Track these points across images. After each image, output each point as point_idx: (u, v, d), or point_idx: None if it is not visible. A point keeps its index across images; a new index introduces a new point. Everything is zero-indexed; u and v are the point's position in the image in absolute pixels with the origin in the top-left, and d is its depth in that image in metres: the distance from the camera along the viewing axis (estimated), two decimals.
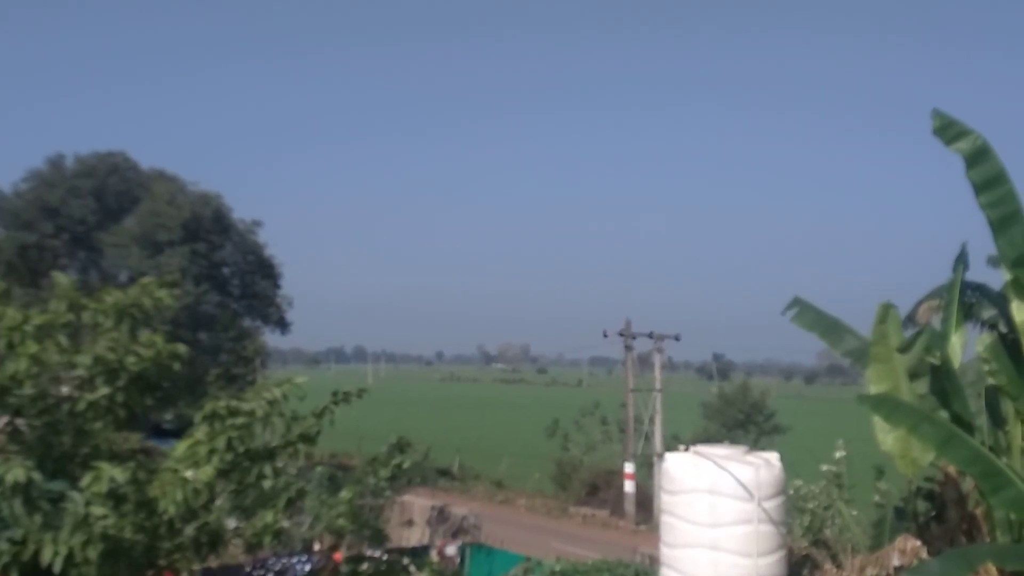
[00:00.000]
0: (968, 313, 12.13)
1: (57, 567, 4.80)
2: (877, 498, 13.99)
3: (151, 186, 44.18)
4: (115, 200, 44.16)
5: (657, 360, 35.11)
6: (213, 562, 7.41)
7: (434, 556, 17.76)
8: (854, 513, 14.11)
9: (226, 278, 45.74)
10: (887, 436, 11.20)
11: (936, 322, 11.56)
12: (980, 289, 12.03)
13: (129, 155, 46.42)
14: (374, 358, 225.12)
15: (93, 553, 4.83)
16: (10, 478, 4.86)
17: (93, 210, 43.13)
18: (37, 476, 4.95)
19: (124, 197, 44.35)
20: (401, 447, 9.31)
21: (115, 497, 4.97)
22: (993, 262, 11.80)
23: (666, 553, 11.39)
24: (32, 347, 5.44)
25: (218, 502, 5.66)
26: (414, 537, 24.84)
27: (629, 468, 33.74)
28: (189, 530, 5.64)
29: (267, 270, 46.97)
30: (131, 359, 5.71)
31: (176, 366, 6.03)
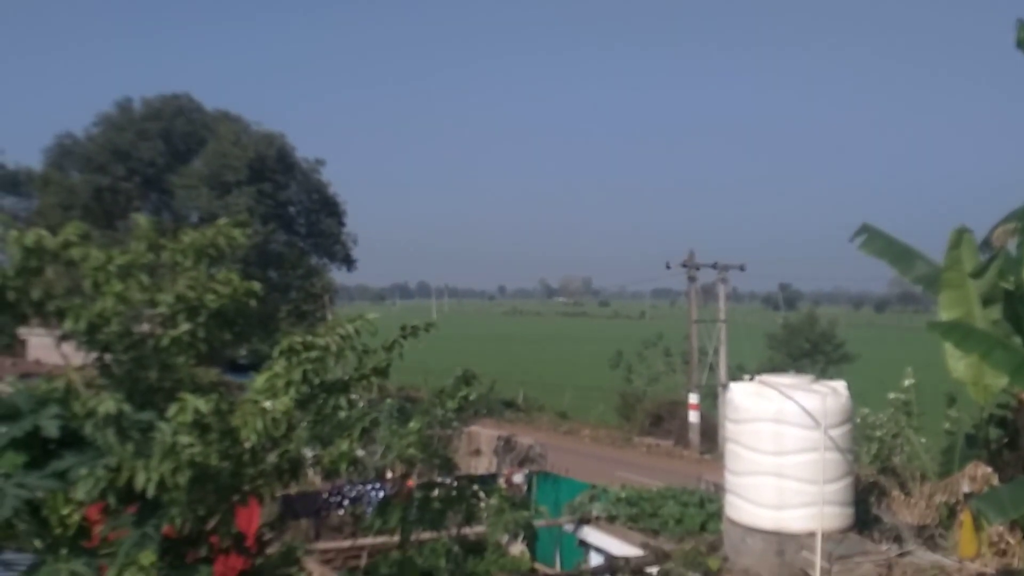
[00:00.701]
0: None
1: (150, 492, 5.09)
2: (947, 425, 13.82)
3: (216, 127, 44.88)
4: (182, 142, 45.05)
5: (721, 291, 34.75)
6: (293, 489, 7.77)
7: (502, 484, 18.21)
8: (923, 441, 13.98)
9: (292, 217, 46.51)
10: (958, 363, 11.04)
11: (1012, 246, 11.22)
12: None
13: (193, 96, 47.18)
14: (438, 293, 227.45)
15: (182, 479, 5.11)
16: (102, 410, 5.14)
17: (162, 152, 44.09)
18: (127, 407, 5.23)
19: (191, 138, 45.19)
20: (467, 379, 9.51)
21: (200, 427, 5.22)
22: None
23: (731, 480, 11.53)
24: (117, 286, 5.70)
25: (297, 432, 5.91)
26: (482, 466, 25.46)
27: (693, 398, 33.81)
28: (271, 457, 5.91)
29: (331, 208, 47.59)
30: (210, 297, 5.93)
31: (252, 303, 6.25)
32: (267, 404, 5.45)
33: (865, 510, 11.68)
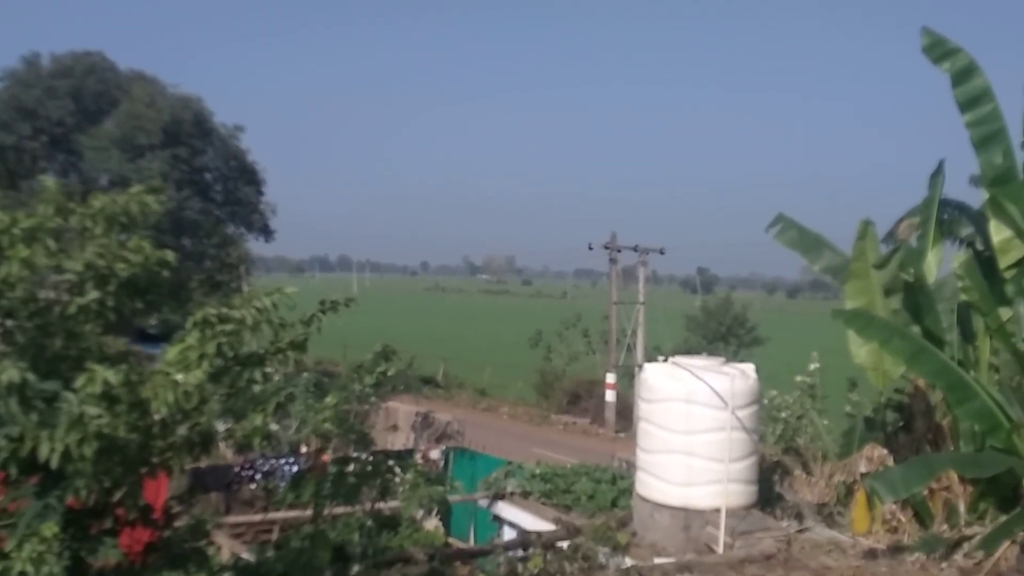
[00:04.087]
0: (948, 231, 12.33)
1: (54, 463, 4.95)
2: (849, 408, 14.44)
3: (130, 88, 43.18)
4: (93, 102, 43.21)
5: (641, 273, 35.37)
6: (205, 462, 7.65)
7: (418, 459, 18.26)
8: (826, 423, 14.59)
9: (208, 184, 45.20)
10: (860, 349, 11.55)
11: (914, 240, 11.76)
12: (960, 207, 12.20)
13: (107, 55, 45.29)
14: (359, 267, 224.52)
15: (88, 450, 4.97)
16: (5, 378, 4.96)
17: (71, 112, 42.24)
18: (32, 376, 5.06)
19: (102, 99, 43.38)
20: (386, 355, 9.50)
21: (108, 398, 5.09)
22: (975, 181, 11.94)
23: (642, 458, 11.82)
24: (22, 251, 5.48)
25: (209, 405, 5.81)
26: (399, 442, 25.46)
27: (611, 378, 34.40)
28: (181, 430, 5.80)
29: (250, 176, 46.39)
30: (120, 265, 5.75)
31: (164, 273, 6.10)
32: (179, 377, 5.34)
33: (769, 488, 12.15)
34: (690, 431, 11.01)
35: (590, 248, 34.85)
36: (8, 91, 42.11)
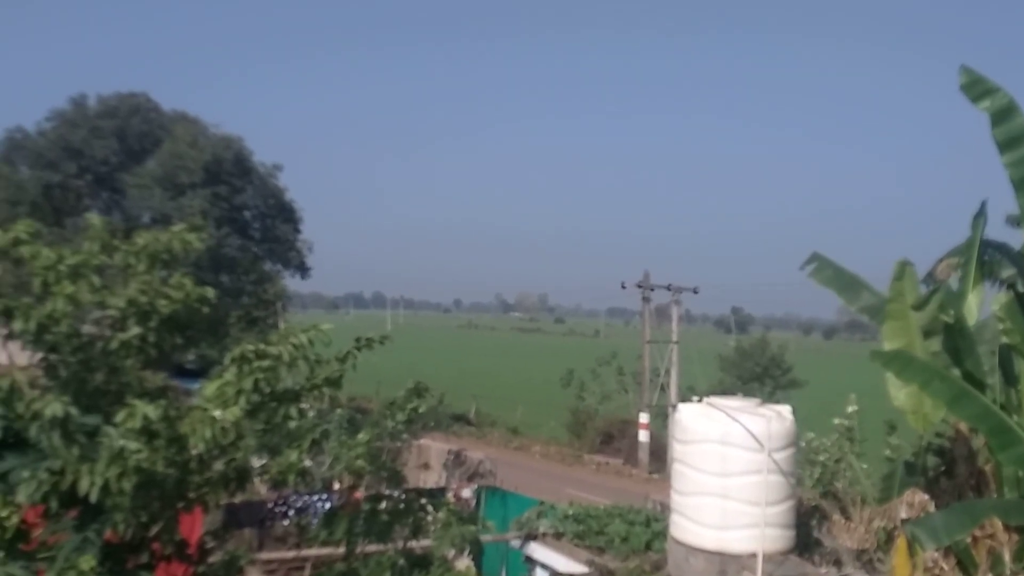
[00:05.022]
0: (988, 272, 12.10)
1: (93, 497, 5.03)
2: (888, 452, 14.14)
3: (173, 128, 44.26)
4: (137, 141, 44.34)
5: (675, 312, 35.13)
6: (239, 497, 7.69)
7: (450, 498, 18.16)
8: (864, 467, 14.28)
9: (247, 221, 45.98)
10: (899, 392, 11.30)
11: (954, 281, 11.55)
12: (1000, 248, 11.97)
13: (151, 96, 46.53)
14: (393, 304, 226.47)
15: (127, 484, 5.05)
16: (49, 412, 5.07)
17: (115, 151, 43.36)
18: (74, 411, 5.16)
19: (146, 139, 44.51)
20: (418, 392, 9.55)
21: (148, 433, 5.18)
22: (1013, 221, 11.74)
23: (676, 500, 11.66)
24: (68, 287, 5.62)
25: (245, 440, 5.87)
26: (431, 480, 25.34)
27: (644, 418, 34.05)
28: (218, 466, 5.87)
29: (287, 214, 47.16)
30: (162, 302, 5.88)
31: (204, 309, 6.21)
32: (216, 413, 5.41)
33: (806, 533, 11.91)
34: (725, 473, 10.86)
35: (623, 287, 34.78)
36: (56, 131, 43.38)
